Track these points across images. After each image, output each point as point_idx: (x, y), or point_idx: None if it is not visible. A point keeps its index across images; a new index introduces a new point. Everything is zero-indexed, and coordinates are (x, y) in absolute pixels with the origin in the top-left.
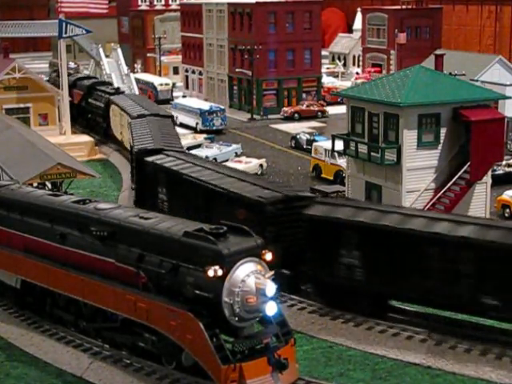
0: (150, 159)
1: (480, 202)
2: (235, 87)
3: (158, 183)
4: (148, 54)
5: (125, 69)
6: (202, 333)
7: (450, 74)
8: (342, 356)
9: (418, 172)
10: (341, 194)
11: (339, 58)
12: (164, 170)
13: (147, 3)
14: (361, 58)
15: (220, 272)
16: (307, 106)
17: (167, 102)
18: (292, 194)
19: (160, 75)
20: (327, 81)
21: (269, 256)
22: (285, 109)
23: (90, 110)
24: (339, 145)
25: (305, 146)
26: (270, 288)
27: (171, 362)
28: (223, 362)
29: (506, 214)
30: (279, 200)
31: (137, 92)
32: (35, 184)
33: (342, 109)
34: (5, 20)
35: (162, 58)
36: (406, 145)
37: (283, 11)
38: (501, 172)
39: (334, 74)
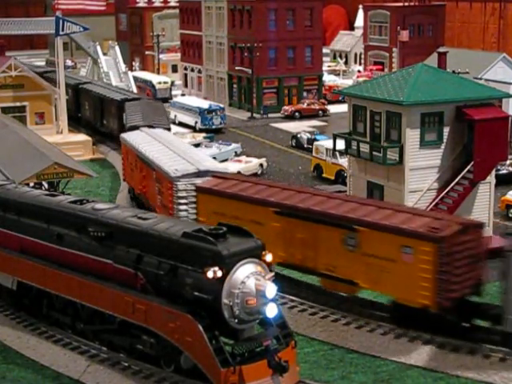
0: None
1: (483, 202)
2: (235, 85)
3: None
4: (146, 52)
5: (123, 67)
6: (201, 335)
7: (454, 72)
8: (344, 358)
9: (421, 172)
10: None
11: (341, 56)
12: None
13: (145, 0)
14: (362, 56)
15: (219, 273)
16: (308, 105)
17: (166, 100)
18: None
19: (158, 73)
20: (328, 79)
21: (269, 257)
22: (285, 107)
23: None
24: (340, 144)
25: (306, 146)
26: (271, 289)
27: (170, 364)
28: (223, 364)
29: (510, 215)
30: None
31: (135, 90)
32: (32, 184)
33: (343, 107)
34: (1, 17)
35: (161, 55)
36: (409, 144)
37: (284, 8)
38: (505, 171)
39: (336, 72)
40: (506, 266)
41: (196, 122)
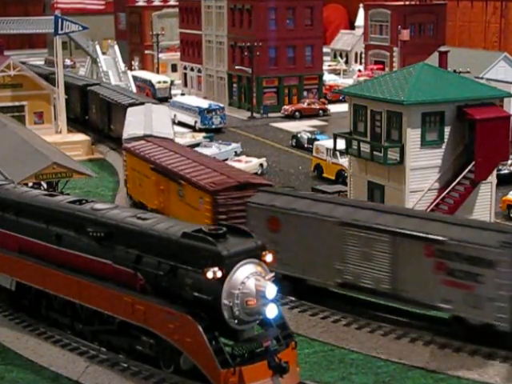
0: None
1: (485, 202)
2: (235, 85)
3: None
4: (146, 51)
5: (122, 66)
6: (201, 336)
7: (455, 71)
8: (344, 359)
9: (422, 171)
10: (343, 194)
11: (341, 55)
12: None
13: None
14: (363, 55)
15: (219, 274)
16: (308, 104)
17: (165, 100)
18: None
19: (158, 73)
20: (329, 78)
21: (269, 257)
22: (285, 107)
23: None
24: (341, 144)
25: (306, 145)
26: (271, 290)
27: (169, 365)
28: (222, 365)
29: None
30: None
31: (134, 89)
32: (30, 184)
33: (343, 107)
34: None
35: (160, 55)
36: (410, 144)
37: (284, 7)
38: (506, 171)
39: (336, 72)
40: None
41: (196, 122)
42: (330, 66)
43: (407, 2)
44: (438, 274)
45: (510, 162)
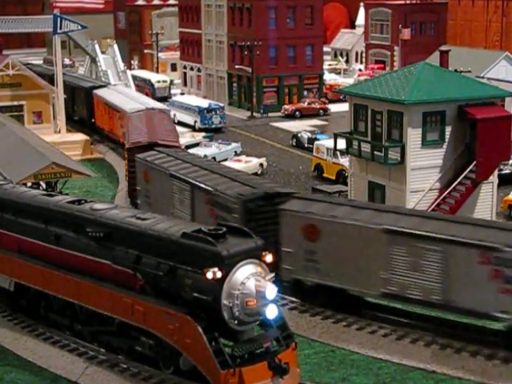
0: None
1: (486, 202)
2: (235, 84)
3: None
4: (145, 51)
5: (121, 65)
6: (201, 336)
7: (456, 70)
8: (345, 360)
9: (423, 171)
10: (343, 194)
11: (341, 55)
12: None
13: None
14: (364, 55)
15: (219, 274)
16: (308, 104)
17: (165, 99)
18: None
19: (157, 72)
20: (329, 78)
21: (269, 258)
22: (286, 106)
23: None
24: (341, 143)
25: (306, 145)
26: (271, 290)
27: (169, 366)
28: (222, 366)
29: None
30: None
31: (133, 88)
32: (29, 184)
33: (344, 106)
34: None
35: (160, 54)
36: (410, 143)
37: (284, 6)
38: (507, 171)
39: (337, 71)
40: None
41: (195, 122)
42: (330, 65)
43: (408, 1)
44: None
45: (511, 161)
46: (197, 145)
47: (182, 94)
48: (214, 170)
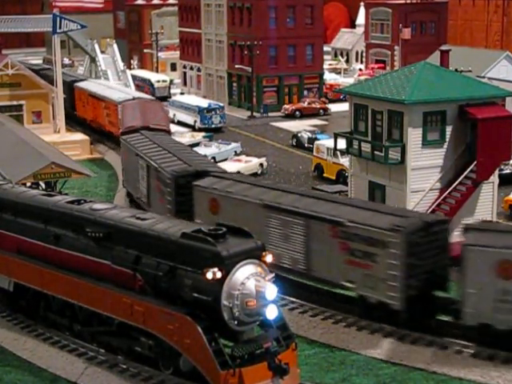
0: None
1: (487, 202)
2: (234, 84)
3: None
4: (145, 50)
5: (121, 65)
6: (201, 337)
7: (456, 70)
8: (345, 361)
9: (423, 171)
10: (343, 194)
11: (342, 54)
12: None
13: None
14: (364, 54)
15: (219, 274)
16: (309, 104)
17: (165, 99)
18: None
19: (157, 72)
20: (329, 77)
21: (269, 258)
22: (286, 106)
23: None
24: (342, 143)
25: (306, 145)
26: (271, 291)
27: (169, 366)
28: (222, 366)
29: None
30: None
31: (133, 88)
32: (28, 184)
33: (344, 106)
34: None
35: (160, 53)
36: (411, 143)
37: (284, 5)
38: (508, 171)
39: (337, 71)
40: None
41: (195, 121)
42: (330, 64)
43: (408, 1)
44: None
45: (511, 161)
46: (197, 145)
47: (182, 93)
48: (171, 150)
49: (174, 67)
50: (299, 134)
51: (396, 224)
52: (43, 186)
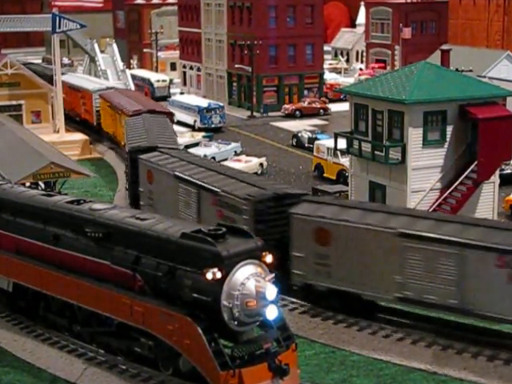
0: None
1: (487, 202)
2: (234, 84)
3: None
4: (144, 50)
5: (120, 65)
6: (201, 337)
7: (457, 70)
8: (345, 361)
9: (424, 171)
10: (344, 194)
11: (342, 54)
12: None
13: None
14: (364, 54)
15: (219, 274)
16: (309, 103)
17: (164, 98)
18: None
19: (157, 71)
20: (329, 77)
21: (269, 258)
22: (286, 106)
23: None
24: (342, 143)
25: (306, 145)
26: (271, 291)
27: (168, 367)
28: (222, 367)
29: None
30: None
31: (133, 88)
32: (28, 184)
33: (344, 106)
34: None
35: (159, 53)
36: (411, 143)
37: (284, 5)
38: (509, 171)
39: (337, 70)
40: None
41: (195, 121)
42: (330, 64)
43: (409, 0)
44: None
45: None
46: (196, 144)
47: (182, 93)
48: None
49: (173, 67)
50: (299, 134)
51: (249, 194)
52: (42, 185)
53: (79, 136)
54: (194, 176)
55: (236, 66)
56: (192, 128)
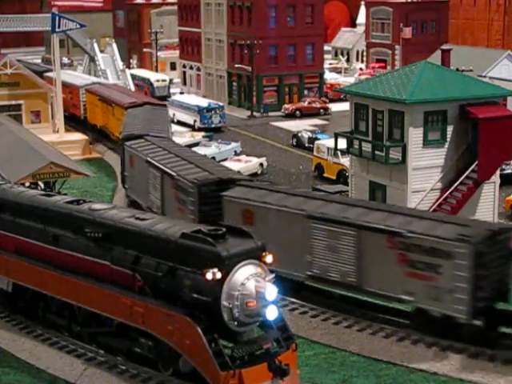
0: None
1: (488, 202)
2: (234, 83)
3: None
4: (144, 49)
5: (120, 64)
6: (200, 338)
7: (457, 69)
8: (345, 362)
9: (424, 171)
10: (344, 194)
11: (342, 54)
12: None
13: None
14: (365, 54)
15: (219, 275)
16: (309, 103)
17: (164, 98)
18: None
19: (157, 71)
20: (330, 77)
21: (269, 258)
22: (286, 106)
23: None
24: (342, 143)
25: (306, 145)
26: (271, 291)
27: (168, 368)
28: (222, 368)
29: None
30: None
31: (132, 88)
32: (27, 184)
33: (345, 106)
34: None
35: (159, 53)
36: (412, 143)
37: (284, 4)
38: (509, 171)
39: (337, 70)
40: None
41: (195, 121)
42: (331, 64)
43: (409, 0)
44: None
45: None
46: (196, 144)
47: (182, 93)
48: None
49: (173, 66)
50: (299, 134)
51: (196, 178)
52: (42, 186)
53: (79, 136)
54: (160, 161)
55: (236, 65)
56: (192, 128)
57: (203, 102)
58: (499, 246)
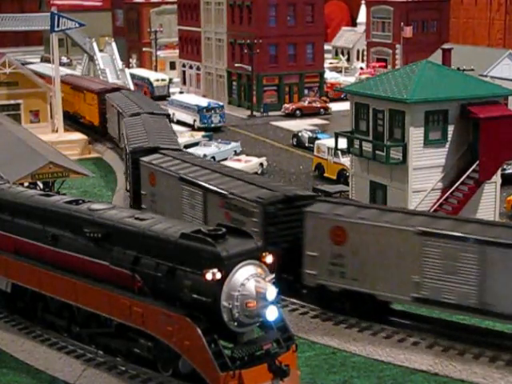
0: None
1: (489, 202)
2: (234, 83)
3: None
4: (144, 49)
5: (119, 64)
6: (200, 338)
7: (458, 69)
8: (346, 363)
9: (425, 171)
10: (344, 194)
11: (343, 53)
12: None
13: None
14: (365, 53)
15: (218, 275)
16: (309, 103)
17: (164, 98)
18: None
19: (156, 70)
20: (330, 76)
21: (269, 259)
22: (286, 105)
23: None
24: (342, 143)
25: (307, 144)
26: (271, 292)
27: (168, 368)
28: (222, 368)
29: None
30: None
31: (132, 88)
32: (26, 184)
33: (345, 105)
34: None
35: (159, 52)
36: (413, 143)
37: (284, 4)
38: (510, 171)
39: (338, 69)
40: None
41: (194, 121)
42: (331, 63)
43: None
44: None
45: None
46: (196, 144)
47: (181, 92)
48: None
49: (173, 66)
50: (300, 134)
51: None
52: (41, 186)
53: (78, 136)
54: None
55: (236, 65)
56: (191, 127)
57: (203, 102)
58: (293, 210)
